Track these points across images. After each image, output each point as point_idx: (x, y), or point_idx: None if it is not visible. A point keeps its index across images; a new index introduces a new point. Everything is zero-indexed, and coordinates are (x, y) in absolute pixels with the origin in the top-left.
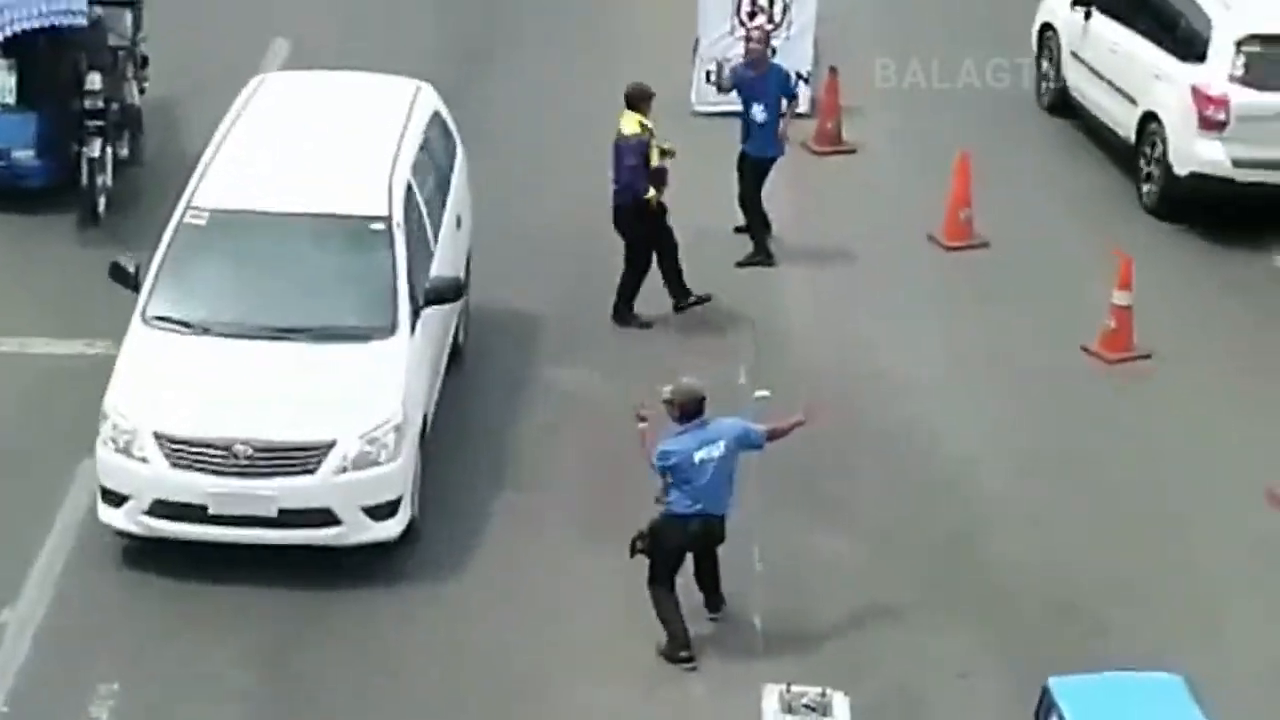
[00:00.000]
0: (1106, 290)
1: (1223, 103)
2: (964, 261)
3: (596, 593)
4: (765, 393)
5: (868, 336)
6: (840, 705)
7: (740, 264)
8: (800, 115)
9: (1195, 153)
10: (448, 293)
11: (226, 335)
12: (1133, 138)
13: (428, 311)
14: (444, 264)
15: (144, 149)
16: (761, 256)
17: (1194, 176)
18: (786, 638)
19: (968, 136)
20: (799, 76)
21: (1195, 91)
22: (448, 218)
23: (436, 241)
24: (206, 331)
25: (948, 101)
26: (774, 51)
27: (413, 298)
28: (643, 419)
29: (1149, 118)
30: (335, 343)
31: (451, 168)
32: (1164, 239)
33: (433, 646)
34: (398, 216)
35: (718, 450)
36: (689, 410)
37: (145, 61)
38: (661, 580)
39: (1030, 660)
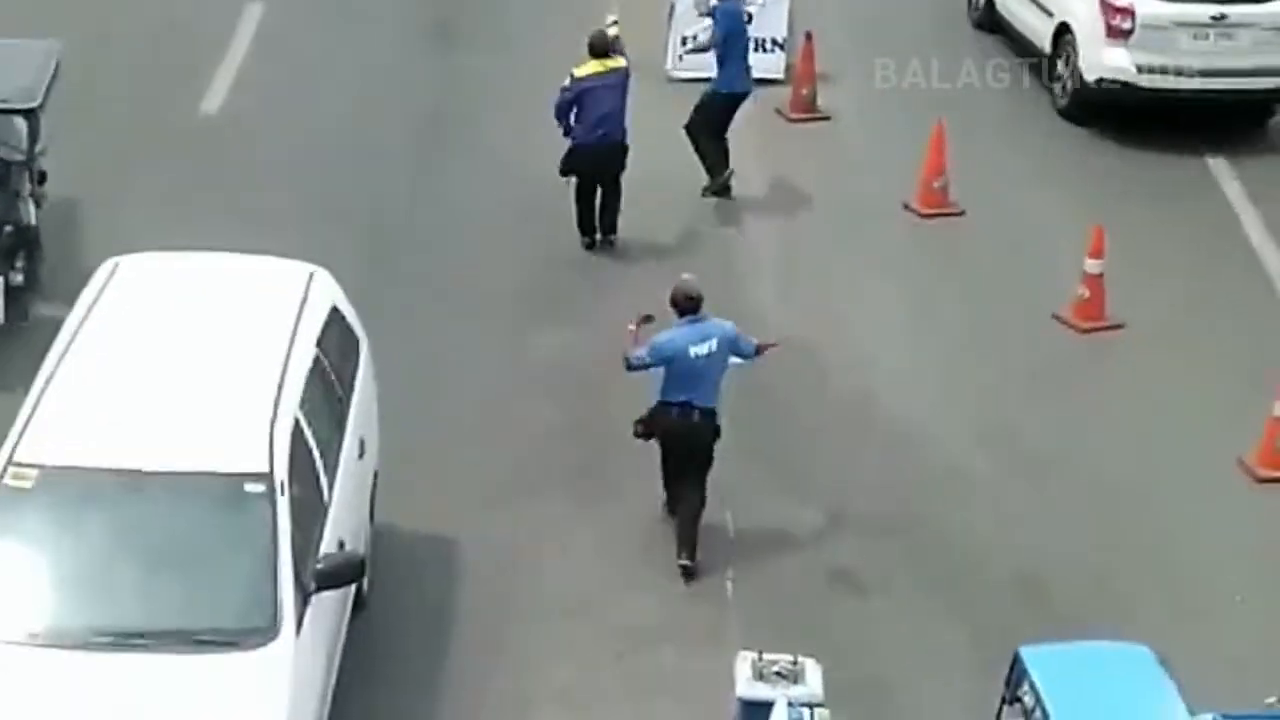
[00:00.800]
0: (1081, 259)
1: (1128, 12)
2: (938, 229)
3: (567, 558)
4: (739, 361)
5: (841, 305)
6: (812, 672)
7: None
8: (774, 81)
9: (1103, 60)
10: (346, 573)
11: (54, 645)
12: (1049, 48)
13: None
14: (342, 522)
15: (41, 270)
16: (718, 186)
17: (1102, 82)
18: (758, 605)
19: (943, 104)
20: (774, 43)
21: (1103, 2)
22: (347, 449)
23: (333, 491)
24: (33, 639)
25: (924, 72)
26: (750, 18)
27: (300, 583)
28: (647, 319)
29: (1063, 29)
30: (198, 653)
31: (353, 378)
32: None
33: (405, 614)
34: (281, 472)
35: (710, 347)
36: (684, 307)
37: (43, 177)
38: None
39: (995, 630)
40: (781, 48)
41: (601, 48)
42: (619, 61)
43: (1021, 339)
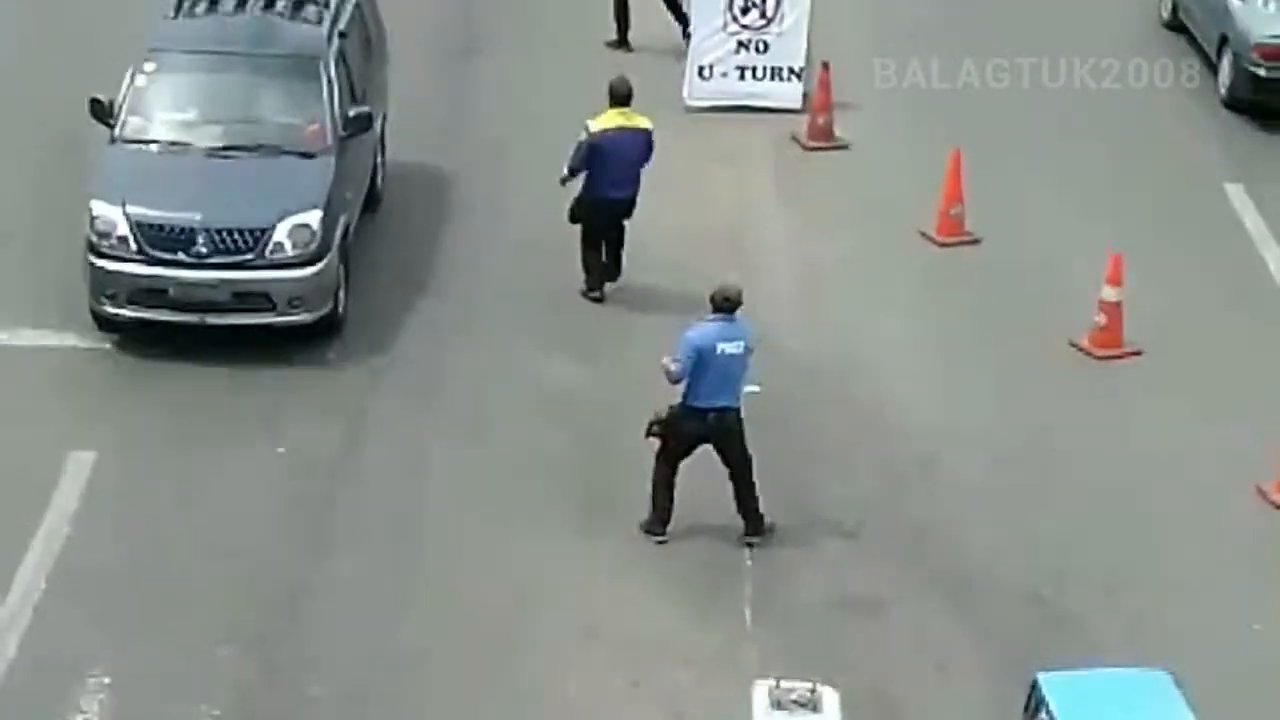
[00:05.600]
0: (1099, 286)
1: None
2: (954, 257)
3: (582, 583)
4: (756, 388)
5: (857, 331)
6: (830, 700)
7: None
8: (792, 110)
9: None
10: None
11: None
12: None
13: None
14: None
15: None
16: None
17: None
18: (776, 632)
19: (961, 133)
20: (791, 72)
21: None
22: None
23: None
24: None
25: (944, 99)
26: (767, 46)
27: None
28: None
29: None
30: None
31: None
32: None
33: (413, 639)
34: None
35: (737, 348)
36: (720, 305)
37: None
38: (669, 460)
39: (1012, 652)
40: (799, 77)
41: (622, 95)
42: (642, 121)
43: (1039, 366)
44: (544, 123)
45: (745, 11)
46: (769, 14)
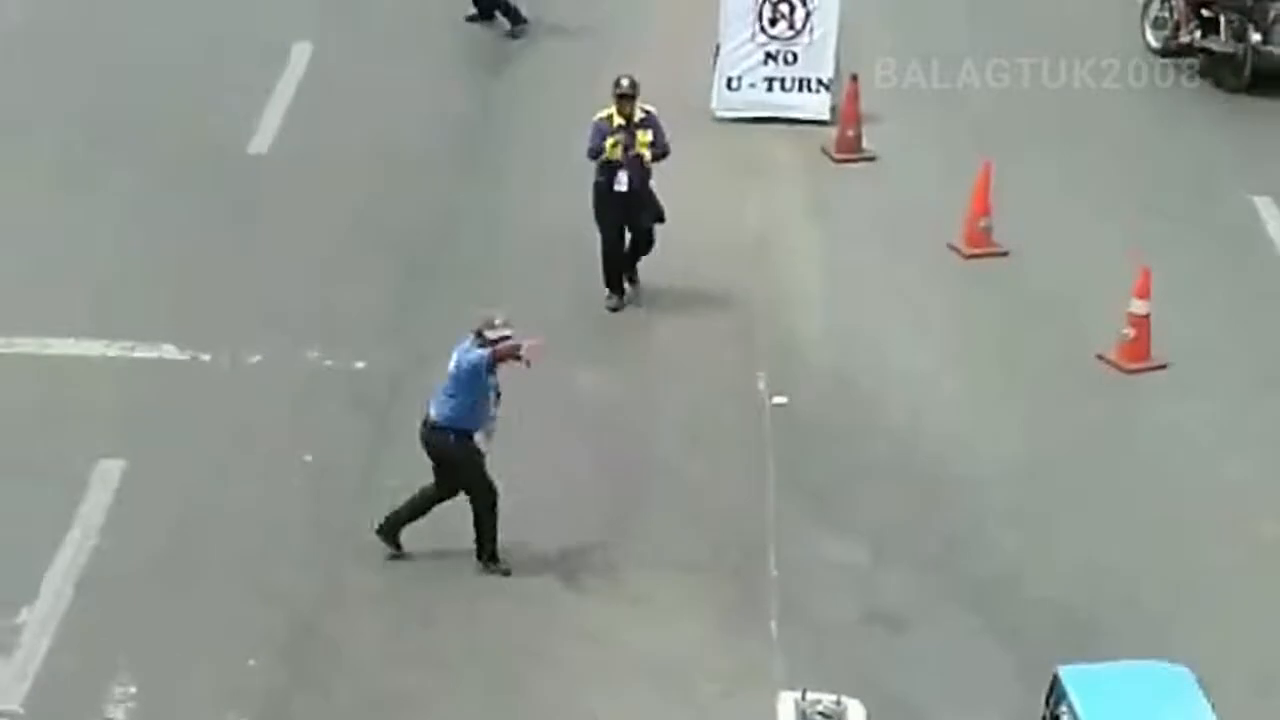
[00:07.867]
0: (1126, 299)
1: None
2: (982, 270)
3: (606, 593)
4: (783, 399)
5: (884, 342)
6: (856, 713)
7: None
8: (821, 122)
9: None
10: None
11: None
12: None
13: None
14: None
15: None
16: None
17: None
18: (802, 643)
19: (989, 145)
20: (819, 83)
21: None
22: None
23: None
24: None
25: (965, 107)
26: (795, 57)
27: None
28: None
29: None
30: None
31: None
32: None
33: (439, 650)
34: None
35: (451, 367)
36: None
37: None
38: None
39: (1038, 665)
40: (827, 88)
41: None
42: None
43: (1066, 378)
44: (564, 134)
45: (774, 23)
46: (797, 25)
